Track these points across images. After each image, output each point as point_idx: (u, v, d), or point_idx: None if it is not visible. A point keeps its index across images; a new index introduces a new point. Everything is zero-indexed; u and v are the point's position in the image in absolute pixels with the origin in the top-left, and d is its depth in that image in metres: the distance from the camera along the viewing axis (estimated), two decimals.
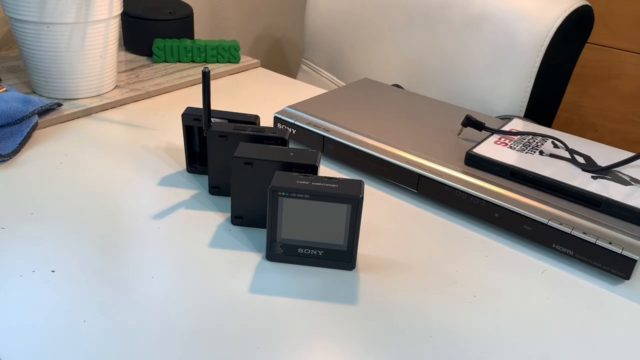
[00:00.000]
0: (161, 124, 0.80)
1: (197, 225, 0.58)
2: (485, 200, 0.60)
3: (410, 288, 0.52)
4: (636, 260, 0.52)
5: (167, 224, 0.58)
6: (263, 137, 0.60)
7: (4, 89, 0.78)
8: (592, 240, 0.54)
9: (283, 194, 0.50)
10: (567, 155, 0.65)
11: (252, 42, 1.51)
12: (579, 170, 0.62)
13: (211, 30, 1.38)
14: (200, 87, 0.94)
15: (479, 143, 0.66)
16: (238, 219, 0.58)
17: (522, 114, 0.96)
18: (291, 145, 0.76)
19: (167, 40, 1.00)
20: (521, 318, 0.49)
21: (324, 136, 0.71)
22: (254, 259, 0.54)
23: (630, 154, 0.65)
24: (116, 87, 0.89)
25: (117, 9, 0.82)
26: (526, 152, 0.64)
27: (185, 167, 0.69)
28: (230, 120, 0.64)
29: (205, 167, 0.67)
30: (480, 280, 0.54)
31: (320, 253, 0.53)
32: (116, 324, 0.45)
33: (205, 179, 0.67)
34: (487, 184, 0.61)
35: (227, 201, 0.63)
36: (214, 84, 0.96)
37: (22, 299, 0.47)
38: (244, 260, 0.54)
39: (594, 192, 0.57)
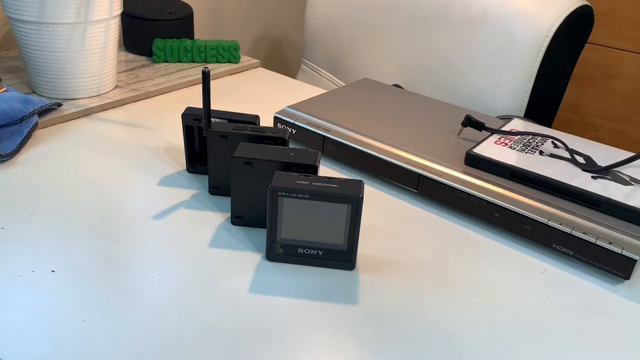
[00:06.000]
0: (161, 124, 0.80)
1: (197, 225, 0.58)
2: (485, 200, 0.60)
3: (410, 288, 0.52)
4: (636, 260, 0.52)
5: (167, 224, 0.58)
6: (263, 137, 0.60)
7: (4, 89, 0.78)
8: (592, 240, 0.54)
9: (283, 194, 0.50)
10: (567, 155, 0.65)
11: (252, 42, 1.51)
12: (579, 170, 0.62)
13: (211, 30, 1.38)
14: (200, 87, 0.94)
15: (479, 143, 0.66)
16: (238, 219, 0.58)
17: (522, 114, 0.96)
18: (291, 145, 0.76)
19: (167, 40, 1.00)
20: (521, 318, 0.49)
21: (324, 136, 0.71)
22: (254, 259, 0.54)
23: (630, 154, 0.65)
24: (116, 87, 0.89)
25: (117, 9, 0.82)
26: (526, 152, 0.64)
27: (185, 167, 0.69)
28: (230, 120, 0.64)
29: (205, 167, 0.67)
30: (480, 280, 0.54)
31: (320, 253, 0.53)
32: (116, 324, 0.45)
33: (205, 179, 0.67)
34: (487, 184, 0.61)
35: (227, 201, 0.63)
36: (214, 84, 0.96)
37: (22, 299, 0.47)
38: (244, 260, 0.54)
39: (594, 192, 0.57)
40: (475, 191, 0.61)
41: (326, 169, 0.71)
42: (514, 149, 0.65)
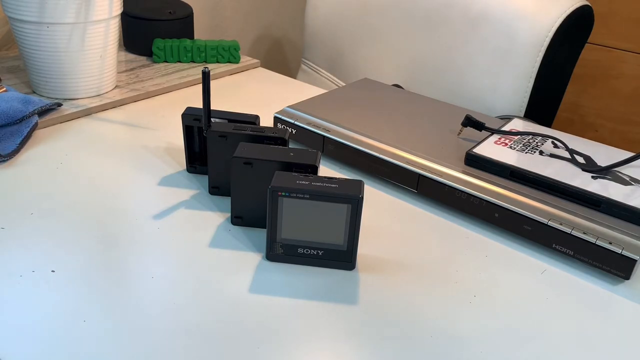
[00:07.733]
0: (161, 124, 0.80)
1: (197, 225, 0.58)
2: (485, 200, 0.60)
3: (410, 288, 0.52)
4: (636, 260, 0.52)
5: (167, 224, 0.58)
6: (263, 137, 0.60)
7: (4, 89, 0.78)
8: (592, 240, 0.54)
9: (283, 194, 0.50)
10: (567, 155, 0.65)
11: (252, 42, 1.51)
12: (579, 170, 0.62)
13: (211, 30, 1.38)
14: (200, 87, 0.94)
15: (479, 143, 0.66)
16: (238, 219, 0.58)
17: (522, 114, 0.96)
18: (291, 145, 0.76)
19: (167, 40, 1.00)
20: (521, 318, 0.49)
21: (324, 136, 0.71)
22: (254, 259, 0.54)
23: (630, 154, 0.65)
24: (116, 87, 0.89)
25: (117, 9, 0.82)
26: (526, 152, 0.64)
27: (185, 167, 0.69)
28: (230, 120, 0.64)
29: (205, 167, 0.67)
30: (480, 280, 0.54)
31: (320, 253, 0.53)
32: (116, 324, 0.45)
33: (205, 179, 0.67)
34: (487, 184, 0.61)
35: (227, 201, 0.63)
36: (214, 84, 0.96)
37: (22, 299, 0.47)
38: (244, 260, 0.54)
39: (594, 192, 0.57)
40: (475, 191, 0.61)
41: (326, 169, 0.71)
42: (514, 149, 0.65)
